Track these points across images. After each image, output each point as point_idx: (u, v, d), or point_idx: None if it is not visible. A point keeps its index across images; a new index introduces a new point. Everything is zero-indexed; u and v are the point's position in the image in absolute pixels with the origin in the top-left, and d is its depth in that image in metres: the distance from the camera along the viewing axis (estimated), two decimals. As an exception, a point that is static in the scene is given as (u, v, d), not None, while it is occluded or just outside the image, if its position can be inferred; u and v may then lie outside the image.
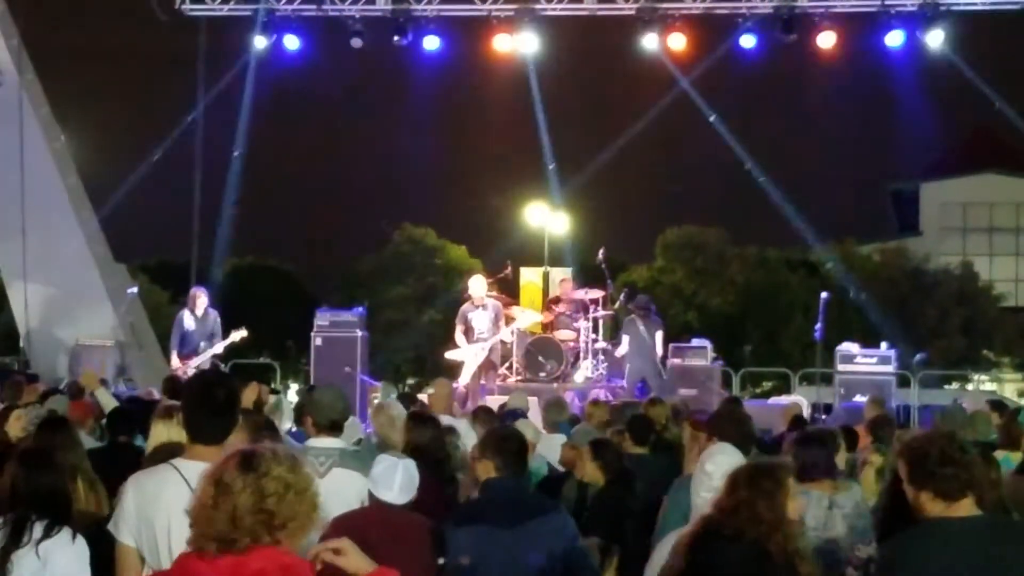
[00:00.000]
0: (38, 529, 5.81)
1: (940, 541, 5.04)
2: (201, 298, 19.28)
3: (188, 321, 19.15)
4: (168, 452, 6.35)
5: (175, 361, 19.01)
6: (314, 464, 6.83)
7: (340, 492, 6.61)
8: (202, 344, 18.95)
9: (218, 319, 19.26)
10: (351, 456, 7.29)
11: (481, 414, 11.35)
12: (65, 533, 5.81)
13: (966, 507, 5.04)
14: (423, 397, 13.84)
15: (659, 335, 20.83)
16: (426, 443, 8.29)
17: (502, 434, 7.14)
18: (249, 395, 10.44)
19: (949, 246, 58.22)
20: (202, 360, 18.70)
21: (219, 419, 5.61)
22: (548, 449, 10.62)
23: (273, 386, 12.45)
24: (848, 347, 21.51)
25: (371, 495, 6.57)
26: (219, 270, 31.82)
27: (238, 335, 19.01)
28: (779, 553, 5.11)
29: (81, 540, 5.88)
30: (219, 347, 18.97)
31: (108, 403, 12.10)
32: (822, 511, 7.69)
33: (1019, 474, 10.62)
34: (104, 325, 22.06)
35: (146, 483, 5.51)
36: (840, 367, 21.41)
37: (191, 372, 17.72)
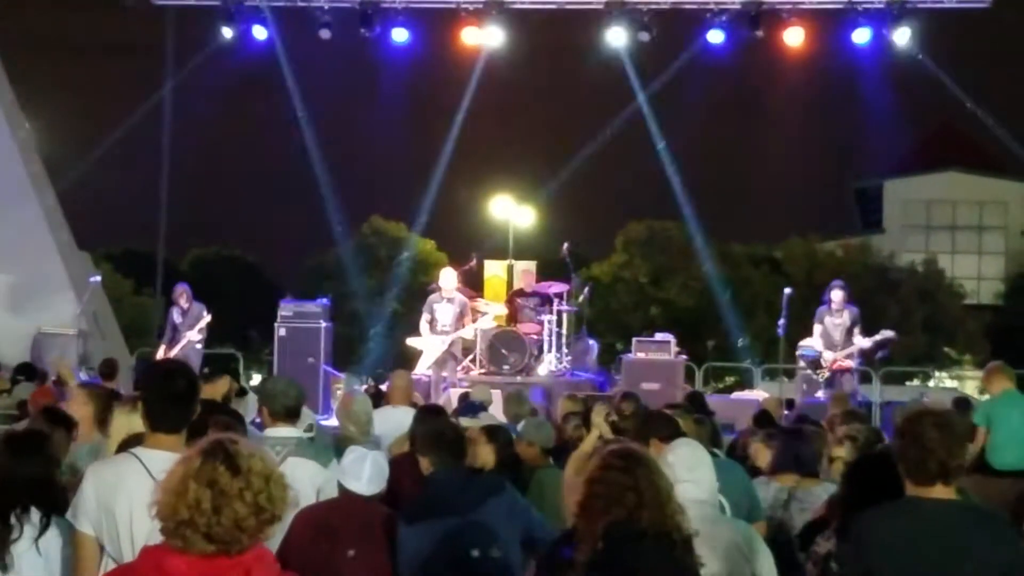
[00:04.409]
0: (30, 522, 5.65)
1: (909, 518, 5.07)
2: (184, 294, 19.73)
3: (175, 316, 19.72)
4: (138, 443, 6.34)
5: (160, 352, 19.61)
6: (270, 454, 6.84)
7: (295, 482, 6.55)
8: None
9: (203, 311, 19.59)
10: (306, 445, 7.28)
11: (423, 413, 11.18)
12: (61, 524, 5.64)
13: (940, 491, 5.05)
14: (383, 388, 13.81)
15: None
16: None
17: (435, 430, 7.17)
18: (220, 388, 10.37)
19: (912, 243, 58.63)
20: (179, 347, 19.15)
21: (180, 408, 5.58)
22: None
23: (241, 385, 12.41)
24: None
25: (340, 485, 6.59)
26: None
27: (203, 320, 19.54)
28: (679, 541, 5.10)
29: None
30: (192, 333, 19.32)
31: None
32: (778, 503, 7.77)
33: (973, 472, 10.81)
34: (66, 314, 21.94)
35: (106, 472, 5.47)
36: (802, 362, 21.49)
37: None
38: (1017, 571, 5.03)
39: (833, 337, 19.37)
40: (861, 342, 19.31)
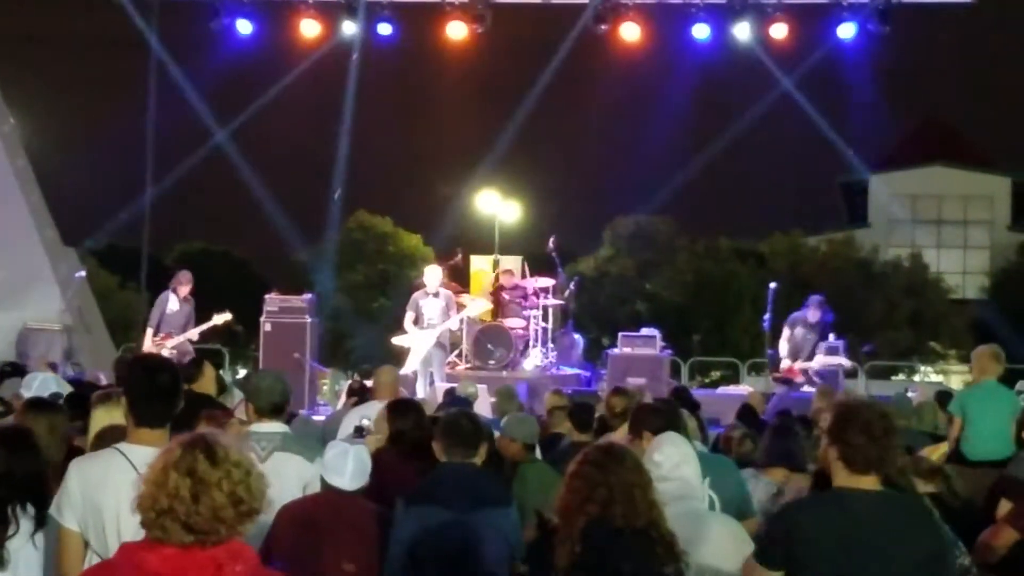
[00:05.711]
0: (27, 517, 5.63)
1: (837, 509, 5.10)
2: (189, 285, 19.01)
3: (172, 303, 18.83)
4: (114, 436, 6.31)
5: (148, 340, 18.75)
6: (256, 449, 6.84)
7: (281, 477, 6.54)
8: (174, 330, 18.72)
9: (192, 307, 19.00)
10: (293, 440, 7.26)
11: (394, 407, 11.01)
12: (52, 520, 5.58)
13: (869, 482, 5.08)
14: (368, 384, 13.74)
15: None
16: (408, 429, 8.16)
17: (453, 419, 7.14)
18: (207, 382, 10.28)
19: (898, 238, 58.64)
20: (179, 341, 18.49)
21: (163, 403, 5.57)
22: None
23: (220, 372, 12.32)
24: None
25: (323, 481, 6.58)
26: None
27: (221, 318, 18.90)
28: (658, 538, 5.11)
29: None
30: (198, 331, 18.77)
31: (63, 388, 11.97)
32: (768, 498, 7.78)
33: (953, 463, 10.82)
34: (52, 309, 21.90)
35: (90, 468, 5.45)
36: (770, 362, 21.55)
37: (166, 352, 17.56)
38: (940, 562, 5.10)
39: (801, 348, 19.88)
40: (816, 362, 19.83)
